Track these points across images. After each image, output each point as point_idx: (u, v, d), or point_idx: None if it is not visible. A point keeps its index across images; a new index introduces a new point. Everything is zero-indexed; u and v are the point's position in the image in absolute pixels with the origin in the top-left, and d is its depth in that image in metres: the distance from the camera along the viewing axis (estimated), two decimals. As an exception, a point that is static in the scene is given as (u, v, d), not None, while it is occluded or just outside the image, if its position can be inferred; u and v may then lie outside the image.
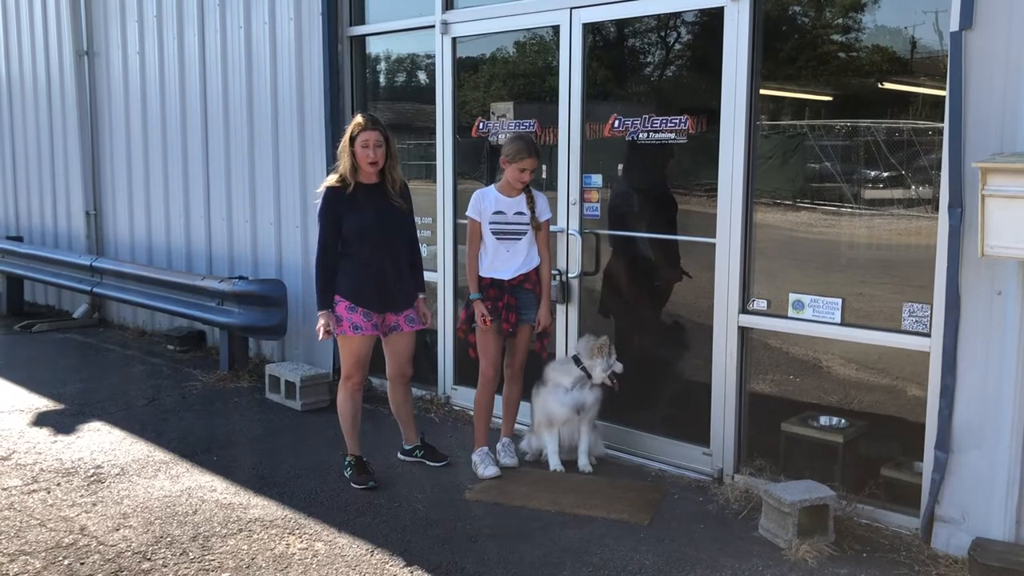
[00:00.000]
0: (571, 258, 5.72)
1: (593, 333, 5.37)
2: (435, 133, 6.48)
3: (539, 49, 6.14)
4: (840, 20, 4.82)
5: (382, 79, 7.37)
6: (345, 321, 4.97)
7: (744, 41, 4.78)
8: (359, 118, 4.96)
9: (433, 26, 6.39)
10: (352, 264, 4.97)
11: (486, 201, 5.22)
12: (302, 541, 4.41)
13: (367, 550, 4.31)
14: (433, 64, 6.48)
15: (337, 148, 5.08)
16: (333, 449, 5.59)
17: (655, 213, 5.67)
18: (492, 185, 5.31)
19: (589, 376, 5.22)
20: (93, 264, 8.98)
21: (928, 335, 4.29)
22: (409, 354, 5.26)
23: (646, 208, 5.74)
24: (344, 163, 4.93)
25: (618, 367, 5.21)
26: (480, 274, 5.25)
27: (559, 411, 5.23)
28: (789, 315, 4.83)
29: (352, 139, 4.90)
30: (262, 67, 7.51)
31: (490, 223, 5.20)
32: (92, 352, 8.56)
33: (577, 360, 5.26)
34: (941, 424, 4.18)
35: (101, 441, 5.88)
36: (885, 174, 4.73)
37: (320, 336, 4.99)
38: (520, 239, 5.22)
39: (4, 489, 5.07)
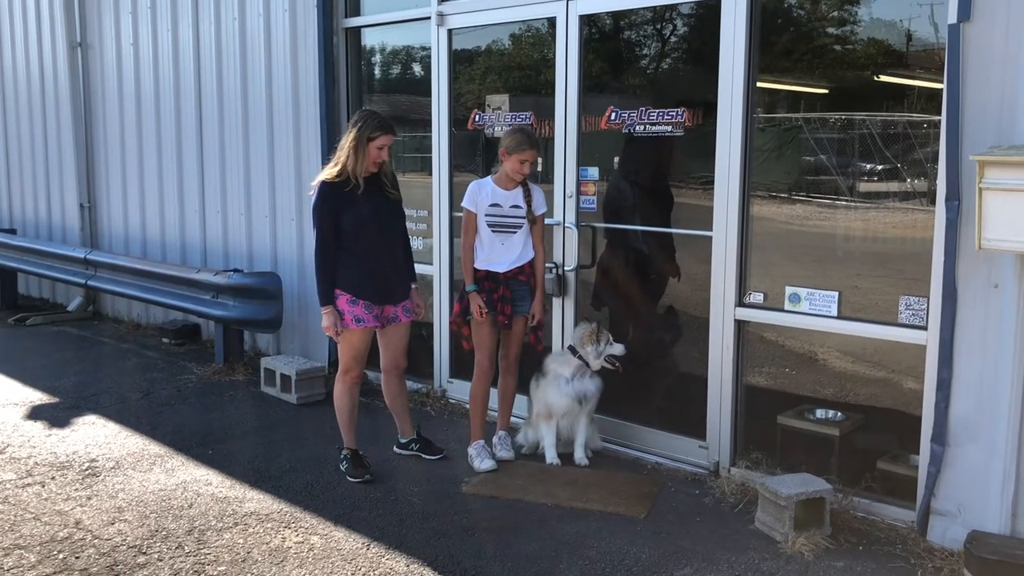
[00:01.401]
0: (567, 251, 5.70)
1: (586, 320, 5.36)
2: (431, 126, 6.45)
3: (535, 41, 6.13)
4: (836, 13, 4.82)
5: (378, 71, 7.35)
6: (347, 314, 4.95)
7: (741, 33, 4.76)
8: (375, 119, 4.92)
9: (429, 18, 6.37)
10: (351, 258, 4.95)
11: (482, 193, 5.21)
12: (298, 535, 4.40)
13: (363, 543, 4.30)
14: (429, 56, 6.45)
15: (332, 140, 5.06)
16: (329, 443, 5.58)
17: (651, 206, 5.67)
18: (488, 177, 5.30)
19: (588, 364, 5.21)
20: (87, 257, 8.95)
21: (925, 328, 4.29)
22: (404, 346, 5.25)
23: (642, 201, 5.73)
24: (354, 160, 4.86)
25: (616, 349, 5.18)
26: (475, 266, 5.24)
27: (561, 402, 5.22)
28: (785, 308, 4.82)
29: (369, 139, 4.87)
30: (257, 59, 7.48)
31: (486, 215, 5.19)
32: (86, 345, 8.54)
33: (573, 350, 5.25)
34: (937, 417, 4.18)
35: (96, 435, 5.87)
36: (881, 167, 4.74)
37: (334, 335, 4.98)
38: (515, 232, 5.21)
39: (-2, 483, 5.07)
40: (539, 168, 5.82)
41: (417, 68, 6.98)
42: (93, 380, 7.23)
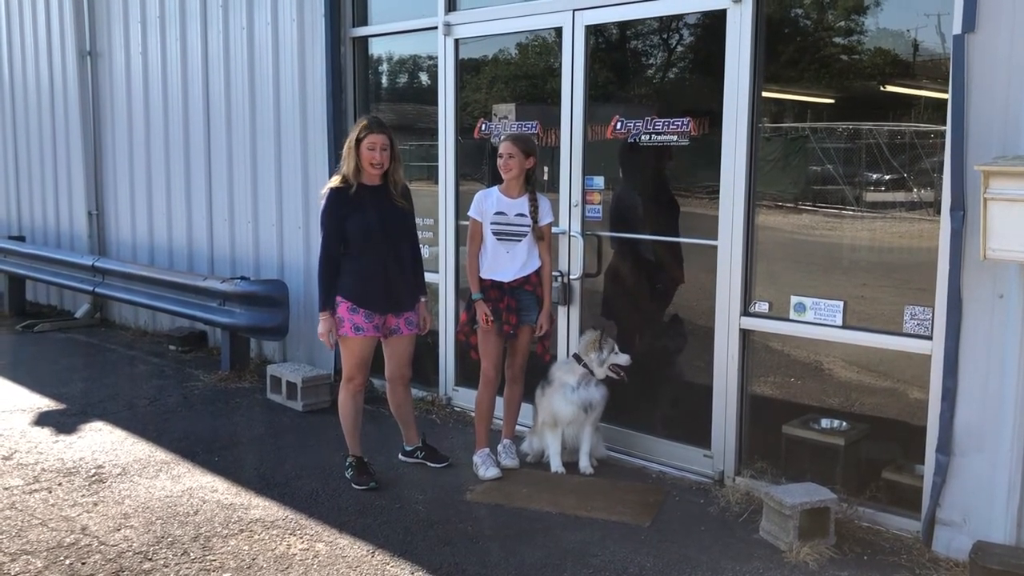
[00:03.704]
0: (573, 259, 5.72)
1: (592, 328, 5.36)
2: (437, 134, 6.48)
3: (541, 51, 6.15)
4: (842, 23, 4.83)
5: (384, 80, 7.38)
6: (347, 322, 4.97)
7: (746, 43, 4.78)
8: (365, 120, 4.98)
9: (436, 27, 6.40)
10: (355, 265, 4.97)
11: (488, 201, 5.22)
12: (303, 542, 4.41)
13: (368, 551, 4.31)
14: (435, 65, 6.48)
15: (339, 149, 5.10)
16: (334, 450, 5.59)
17: (657, 215, 5.67)
18: (495, 186, 5.32)
19: (593, 373, 5.22)
20: (95, 264, 8.99)
21: (929, 338, 4.29)
22: (409, 356, 5.26)
23: (648, 210, 5.74)
24: (348, 164, 4.93)
25: (621, 359, 5.17)
26: (480, 275, 5.25)
27: (566, 410, 5.22)
28: (791, 317, 4.83)
29: (358, 141, 4.91)
30: (264, 68, 7.52)
31: (491, 223, 5.21)
32: (94, 352, 8.57)
33: (578, 358, 5.26)
34: (942, 427, 4.18)
35: (103, 441, 5.89)
36: (887, 177, 4.74)
37: (327, 342, 5.00)
38: (520, 241, 5.22)
39: (6, 489, 5.08)
40: (545, 177, 5.83)
41: (424, 77, 7.01)
42: (100, 387, 7.25)
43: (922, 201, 4.61)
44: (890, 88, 4.72)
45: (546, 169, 5.81)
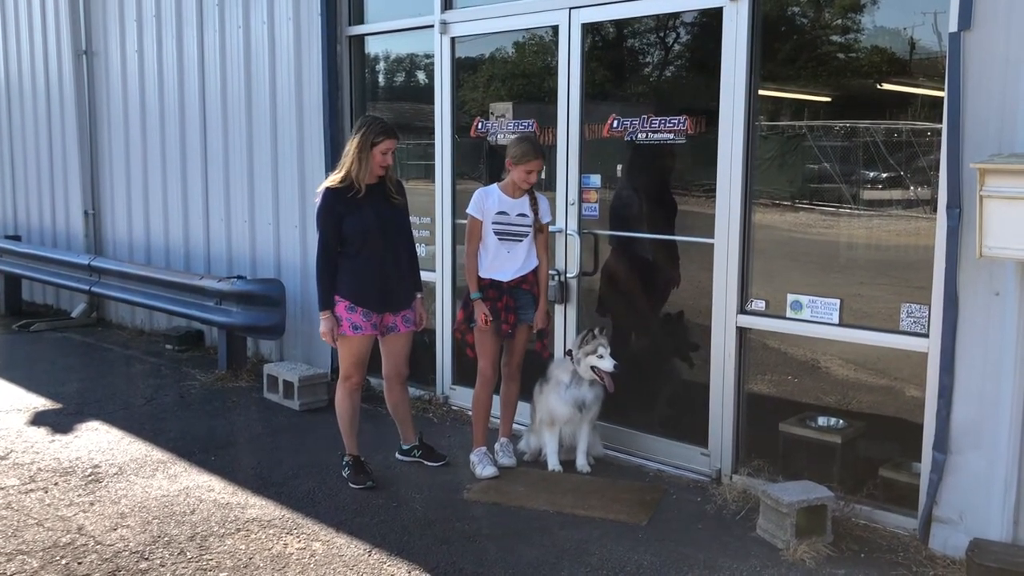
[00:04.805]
0: (570, 258, 5.71)
1: (590, 328, 5.34)
2: (434, 133, 6.47)
3: (538, 49, 6.15)
4: (839, 21, 4.83)
5: (381, 79, 7.37)
6: (345, 321, 4.96)
7: (743, 41, 4.78)
8: (379, 124, 4.93)
9: (432, 26, 6.40)
10: (353, 264, 4.96)
11: (489, 200, 5.21)
12: (300, 541, 4.41)
13: (365, 550, 4.31)
14: (432, 64, 6.48)
15: (336, 147, 5.08)
16: (331, 449, 5.59)
17: (654, 213, 5.68)
18: (495, 184, 5.31)
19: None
20: (91, 263, 8.98)
21: (926, 336, 4.29)
22: (406, 354, 5.26)
23: (645, 208, 5.74)
24: (358, 166, 4.87)
25: (605, 364, 5.07)
26: (479, 274, 5.25)
27: (561, 409, 5.21)
28: (787, 315, 4.83)
29: (373, 144, 4.88)
30: (261, 67, 7.51)
31: (493, 223, 5.19)
32: (90, 351, 8.56)
33: (572, 355, 5.25)
34: (939, 425, 4.18)
35: (99, 440, 5.88)
36: (884, 175, 4.74)
37: (331, 341, 5.00)
38: (521, 241, 5.22)
39: (1, 488, 5.07)
40: (542, 176, 5.83)
41: (421, 76, 7.00)
42: (96, 386, 7.24)
43: (919, 199, 4.61)
44: (887, 86, 4.72)
45: (543, 168, 5.80)
